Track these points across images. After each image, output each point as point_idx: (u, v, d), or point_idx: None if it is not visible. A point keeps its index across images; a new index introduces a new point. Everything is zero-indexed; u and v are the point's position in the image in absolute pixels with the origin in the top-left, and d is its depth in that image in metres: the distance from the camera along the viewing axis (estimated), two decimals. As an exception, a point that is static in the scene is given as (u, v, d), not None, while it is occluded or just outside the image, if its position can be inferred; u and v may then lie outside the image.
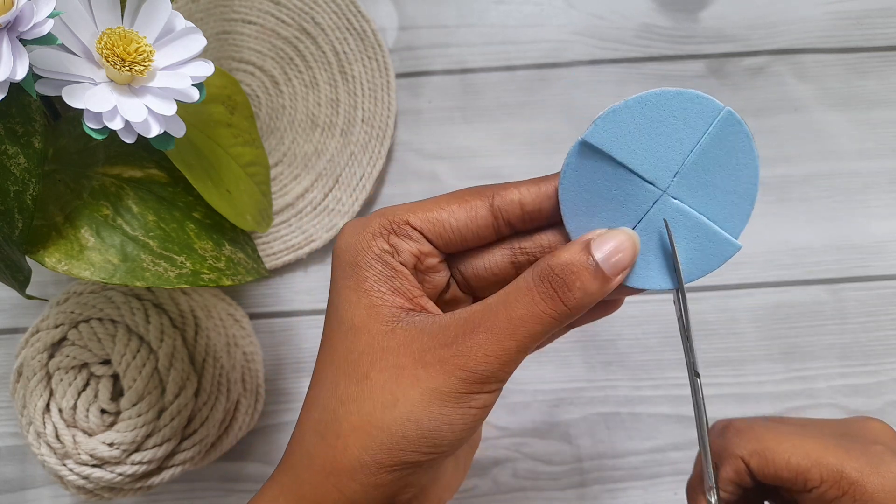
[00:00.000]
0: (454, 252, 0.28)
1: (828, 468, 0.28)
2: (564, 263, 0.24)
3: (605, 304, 0.28)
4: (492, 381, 0.25)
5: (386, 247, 0.26)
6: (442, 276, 0.29)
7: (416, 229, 0.27)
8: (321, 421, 0.26)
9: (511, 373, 0.25)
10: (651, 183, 0.25)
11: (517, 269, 0.28)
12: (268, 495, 0.27)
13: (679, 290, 0.26)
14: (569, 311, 0.24)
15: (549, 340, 0.30)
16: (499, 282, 0.28)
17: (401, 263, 0.26)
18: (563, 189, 0.26)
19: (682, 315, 0.27)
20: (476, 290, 0.29)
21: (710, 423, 0.33)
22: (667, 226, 0.26)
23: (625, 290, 0.27)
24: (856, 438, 0.30)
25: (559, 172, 0.27)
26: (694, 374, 0.27)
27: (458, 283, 0.30)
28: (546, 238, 0.28)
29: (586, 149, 0.25)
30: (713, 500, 0.28)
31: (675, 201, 0.26)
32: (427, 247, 0.27)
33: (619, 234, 0.25)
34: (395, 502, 0.26)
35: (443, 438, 0.24)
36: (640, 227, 0.26)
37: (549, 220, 0.27)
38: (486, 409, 0.25)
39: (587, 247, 0.24)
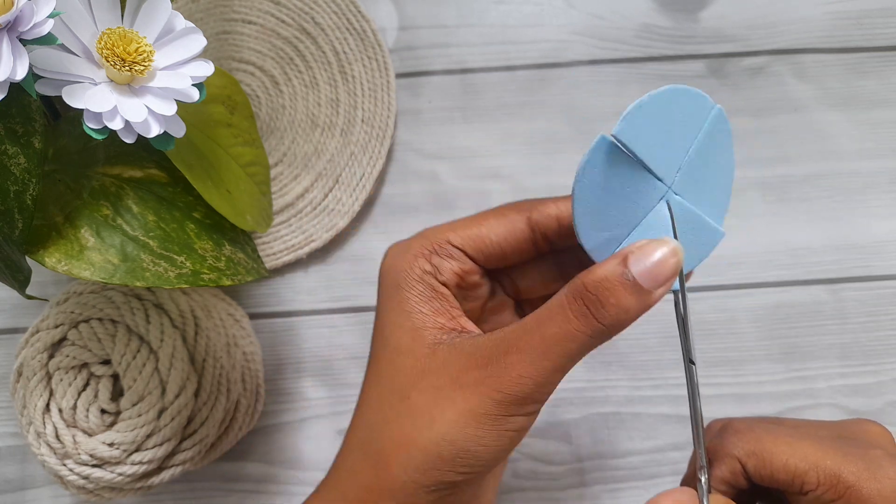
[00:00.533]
0: (495, 267, 0.28)
1: (825, 471, 0.28)
2: (599, 279, 0.23)
3: None
4: (528, 403, 0.24)
5: (428, 267, 0.27)
6: (484, 291, 0.29)
7: (456, 247, 0.27)
8: (365, 439, 0.26)
9: (549, 393, 0.25)
10: (660, 179, 0.25)
11: (565, 279, 0.28)
12: None
13: (679, 278, 0.26)
14: (605, 328, 0.24)
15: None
16: (548, 293, 0.27)
17: (443, 283, 0.27)
18: (578, 186, 0.25)
19: (679, 302, 0.27)
20: (525, 300, 0.30)
21: (708, 422, 0.33)
22: (672, 219, 0.26)
23: None
24: (854, 442, 0.30)
25: None
26: (689, 361, 0.27)
27: (509, 293, 0.30)
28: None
29: (608, 146, 0.25)
30: (703, 479, 0.28)
31: (677, 197, 0.26)
32: (468, 264, 0.27)
33: (661, 244, 0.24)
34: None
35: (478, 459, 0.24)
36: (644, 222, 0.26)
37: None
38: (523, 431, 0.25)
39: (625, 260, 0.24)
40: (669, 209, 0.26)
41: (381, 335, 0.27)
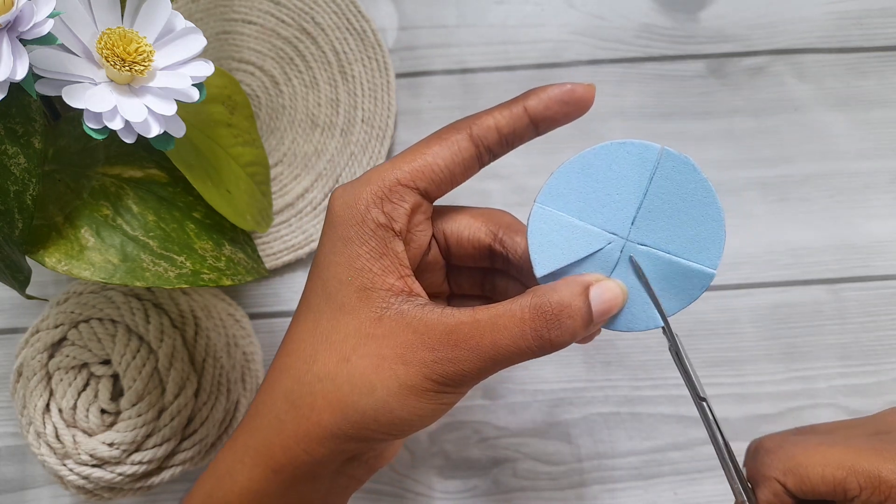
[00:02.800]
0: (446, 192, 0.29)
1: (864, 475, 0.28)
2: (562, 303, 0.25)
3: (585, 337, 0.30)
4: (463, 386, 0.26)
5: (382, 219, 0.27)
6: (425, 235, 0.29)
7: (407, 186, 0.27)
8: (293, 391, 0.27)
9: (481, 381, 0.26)
10: (613, 233, 0.26)
11: (492, 257, 0.30)
12: (234, 454, 0.28)
13: (666, 327, 0.27)
14: (552, 347, 0.26)
15: None
16: (475, 257, 0.30)
17: (397, 234, 0.27)
18: (532, 247, 0.27)
19: (672, 346, 0.28)
20: (454, 258, 0.31)
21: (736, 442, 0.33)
22: (637, 267, 0.27)
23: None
24: (887, 437, 0.30)
25: (527, 93, 0.28)
26: (699, 399, 0.28)
27: (440, 247, 0.31)
28: (522, 242, 0.29)
29: (544, 211, 0.26)
30: None
31: (641, 247, 0.27)
32: (418, 201, 0.28)
33: (613, 284, 0.26)
34: (353, 460, 0.29)
35: (410, 426, 0.26)
36: (613, 275, 0.27)
37: (523, 140, 0.28)
38: (453, 404, 0.27)
39: (586, 291, 0.25)
40: (632, 261, 0.27)
41: (324, 288, 0.27)
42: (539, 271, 0.27)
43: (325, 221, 0.28)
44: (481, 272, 0.32)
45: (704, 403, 0.28)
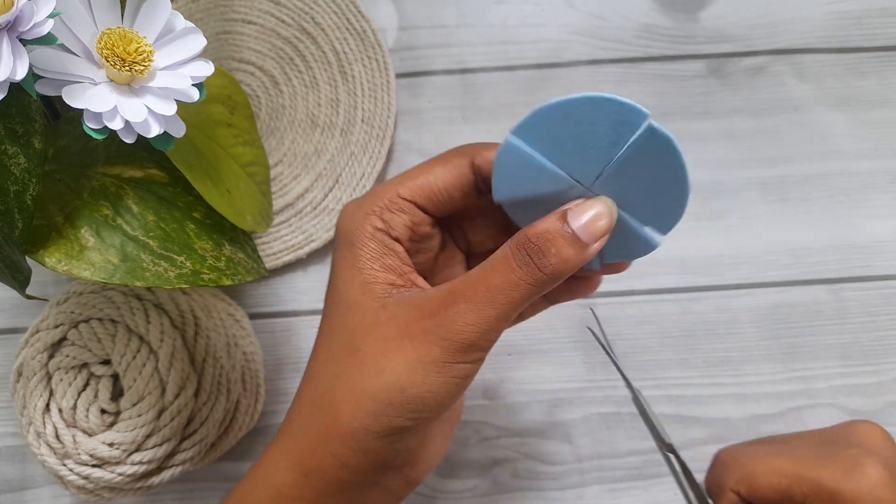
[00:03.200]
0: (446, 213, 0.30)
1: (808, 483, 0.29)
2: (540, 232, 0.25)
3: (582, 281, 0.30)
4: (473, 350, 0.26)
5: (380, 224, 0.28)
6: (436, 242, 0.30)
7: (406, 200, 0.28)
8: (316, 393, 0.28)
9: (493, 341, 0.26)
10: (577, 181, 0.27)
11: (512, 233, 0.29)
12: (270, 459, 0.29)
13: (620, 372, 0.28)
14: (545, 277, 0.25)
15: (533, 312, 0.31)
16: (497, 247, 0.29)
17: (395, 239, 0.28)
18: (497, 171, 0.27)
19: (634, 398, 0.28)
20: (475, 254, 0.31)
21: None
22: None
23: (595, 270, 0.29)
24: (836, 445, 0.30)
25: None
26: (666, 448, 0.28)
27: (461, 246, 0.31)
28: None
29: (515, 144, 0.26)
30: None
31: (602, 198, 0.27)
32: (419, 216, 0.29)
33: (597, 202, 0.26)
34: (387, 467, 0.28)
35: (426, 405, 0.26)
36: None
37: None
38: (468, 378, 0.27)
39: (564, 216, 0.26)
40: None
41: (335, 292, 0.28)
42: (497, 196, 0.27)
43: (335, 235, 0.29)
44: None
45: (672, 454, 0.29)
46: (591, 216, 0.25)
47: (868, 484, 0.28)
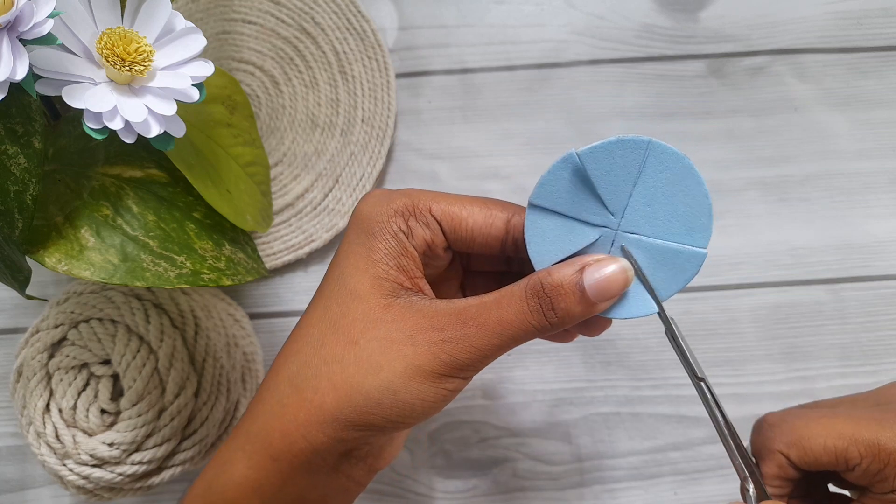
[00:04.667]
0: (461, 250, 0.30)
1: (864, 443, 0.28)
2: (555, 284, 0.26)
3: (591, 326, 0.30)
4: (469, 370, 0.27)
5: (403, 226, 0.28)
6: (444, 263, 0.30)
7: (435, 218, 0.28)
8: (299, 374, 0.27)
9: (485, 366, 0.27)
10: (604, 226, 0.27)
11: (503, 245, 0.29)
12: (235, 442, 0.29)
13: (660, 310, 0.28)
14: (551, 326, 0.26)
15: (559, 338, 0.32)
16: (489, 244, 0.29)
17: (412, 246, 0.28)
18: (529, 241, 0.27)
19: (667, 329, 0.28)
20: (464, 246, 0.31)
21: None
22: (627, 254, 0.27)
23: (605, 319, 0.29)
24: (887, 407, 0.30)
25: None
26: (697, 378, 0.28)
27: (462, 261, 0.32)
28: None
29: (537, 210, 0.27)
30: (751, 490, 0.28)
31: (632, 235, 0.27)
32: (440, 237, 0.29)
33: (611, 262, 0.26)
34: (351, 455, 0.29)
35: (413, 411, 0.26)
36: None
37: None
38: (456, 392, 0.27)
39: (580, 271, 0.26)
40: (623, 250, 0.27)
41: (340, 276, 0.28)
42: (538, 268, 0.28)
43: (352, 217, 0.29)
44: (497, 278, 0.33)
45: (703, 384, 0.28)
46: (605, 276, 0.26)
47: None
